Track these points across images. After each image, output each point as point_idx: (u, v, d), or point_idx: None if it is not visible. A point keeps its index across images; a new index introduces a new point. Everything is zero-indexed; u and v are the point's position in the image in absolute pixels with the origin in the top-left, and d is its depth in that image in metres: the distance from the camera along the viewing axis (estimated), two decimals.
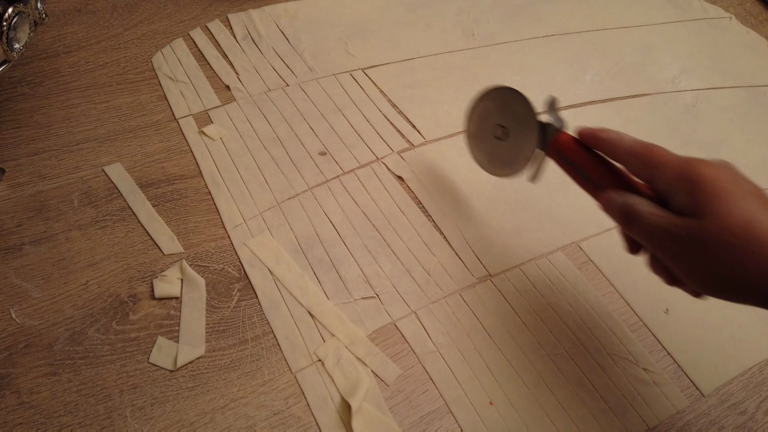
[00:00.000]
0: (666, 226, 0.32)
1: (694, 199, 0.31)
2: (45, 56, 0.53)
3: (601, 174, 0.36)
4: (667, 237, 0.32)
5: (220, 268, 0.41)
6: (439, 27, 0.62)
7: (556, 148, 0.39)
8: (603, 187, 0.36)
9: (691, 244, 0.31)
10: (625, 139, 0.35)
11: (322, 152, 0.49)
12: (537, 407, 0.37)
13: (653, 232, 0.32)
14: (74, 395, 0.35)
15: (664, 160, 0.33)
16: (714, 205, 0.30)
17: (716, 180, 0.31)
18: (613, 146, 0.36)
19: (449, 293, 0.42)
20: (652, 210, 0.32)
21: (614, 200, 0.35)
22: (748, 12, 0.71)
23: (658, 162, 0.33)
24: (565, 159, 0.38)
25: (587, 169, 0.37)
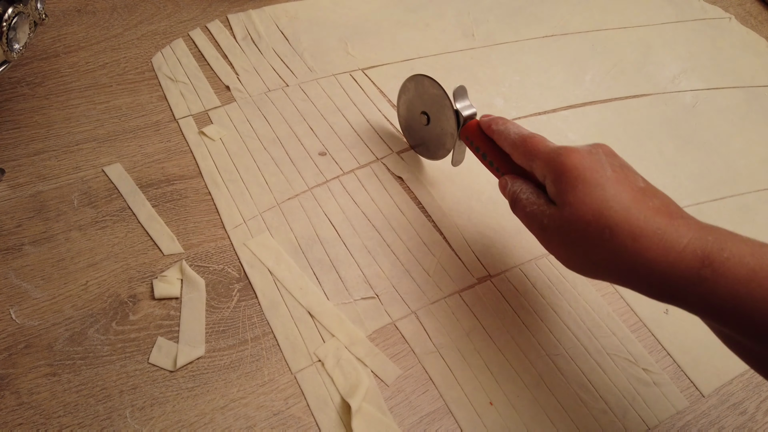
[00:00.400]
0: (537, 214, 0.34)
1: (558, 188, 0.33)
2: (45, 57, 0.53)
3: (501, 160, 0.39)
4: (537, 224, 0.34)
5: (220, 269, 0.41)
6: (439, 27, 0.62)
7: (466, 134, 0.42)
8: (503, 170, 0.39)
9: (554, 232, 0.33)
10: (511, 131, 0.38)
11: (321, 152, 0.49)
12: (537, 407, 0.37)
13: (528, 218, 0.35)
14: (74, 395, 0.35)
15: (538, 151, 0.35)
16: (570, 195, 0.32)
17: (576, 169, 0.32)
18: (501, 138, 0.38)
19: (449, 293, 0.42)
20: (529, 198, 0.35)
21: (506, 185, 0.38)
22: (747, 12, 0.71)
23: (533, 153, 0.35)
24: (473, 145, 0.41)
25: (489, 154, 0.40)
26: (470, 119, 0.42)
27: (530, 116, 0.54)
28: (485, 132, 0.40)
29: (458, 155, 0.45)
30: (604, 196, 0.31)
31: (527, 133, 0.37)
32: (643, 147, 0.53)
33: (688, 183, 0.51)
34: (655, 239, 0.30)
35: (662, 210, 0.31)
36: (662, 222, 0.30)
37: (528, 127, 0.41)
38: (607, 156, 0.34)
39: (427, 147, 0.48)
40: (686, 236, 0.30)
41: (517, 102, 0.55)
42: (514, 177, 0.37)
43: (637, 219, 0.30)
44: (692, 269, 0.29)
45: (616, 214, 0.30)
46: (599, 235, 0.31)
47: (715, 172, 0.52)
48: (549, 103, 0.56)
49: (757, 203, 0.50)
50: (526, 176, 0.37)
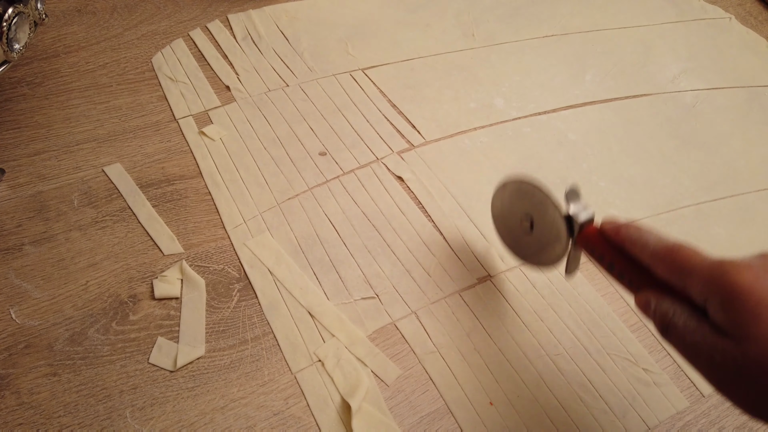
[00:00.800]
0: (702, 346, 0.27)
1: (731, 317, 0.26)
2: (45, 57, 0.53)
3: (635, 271, 0.32)
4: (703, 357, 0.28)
5: (220, 269, 0.41)
6: (439, 27, 0.62)
7: (585, 241, 0.35)
8: (639, 285, 0.32)
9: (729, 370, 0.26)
10: (649, 240, 0.31)
11: (322, 152, 0.49)
12: (537, 407, 0.37)
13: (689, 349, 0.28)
14: (74, 395, 0.35)
15: (692, 267, 0.28)
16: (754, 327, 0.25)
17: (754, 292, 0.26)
18: (636, 248, 0.32)
19: (449, 293, 0.42)
20: (688, 324, 0.28)
21: (651, 305, 0.30)
22: (748, 12, 0.71)
23: (686, 269, 0.28)
24: (595, 253, 0.34)
25: (618, 265, 0.33)
26: (587, 224, 0.35)
27: (530, 116, 0.54)
28: (612, 241, 0.33)
29: (573, 264, 0.37)
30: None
31: (672, 242, 0.30)
32: (643, 147, 0.53)
33: (688, 183, 0.51)
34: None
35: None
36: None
37: (528, 128, 0.41)
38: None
39: (532, 254, 0.41)
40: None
41: (517, 102, 0.55)
42: (658, 294, 0.30)
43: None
44: None
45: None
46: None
47: (715, 172, 0.52)
48: (549, 103, 0.56)
49: (757, 203, 0.50)
50: (674, 292, 0.30)
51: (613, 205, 0.48)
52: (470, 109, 0.54)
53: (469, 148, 0.51)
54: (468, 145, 0.51)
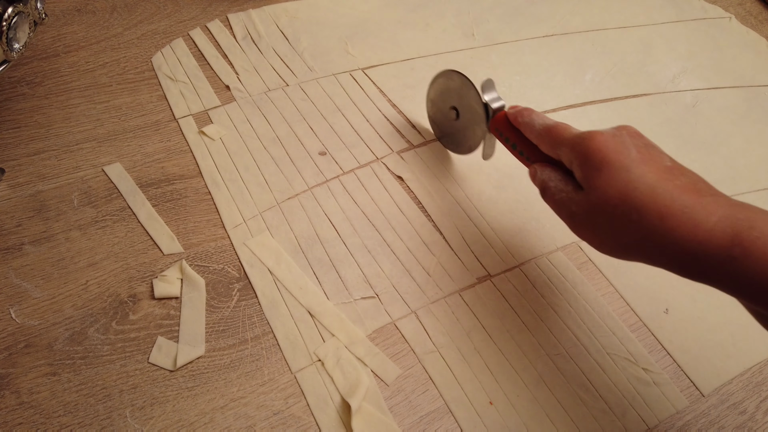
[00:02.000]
0: (565, 201, 0.35)
1: (584, 173, 0.33)
2: (45, 56, 0.53)
3: (530, 150, 0.39)
4: (566, 211, 0.35)
5: (220, 268, 0.41)
6: (439, 27, 0.62)
7: (495, 126, 0.42)
8: (532, 160, 0.39)
9: (583, 217, 0.33)
10: (536, 122, 0.38)
11: (321, 152, 0.49)
12: (537, 407, 0.37)
13: (557, 205, 0.36)
14: (74, 395, 0.35)
15: (563, 138, 0.35)
16: (596, 179, 0.32)
17: (600, 152, 0.32)
18: (527, 130, 0.39)
19: (449, 293, 0.42)
20: (558, 185, 0.35)
21: (535, 173, 0.38)
22: (748, 12, 0.71)
23: (559, 141, 0.35)
24: (503, 136, 0.42)
25: (519, 145, 0.40)
26: (499, 111, 0.42)
27: None
28: (513, 123, 0.40)
29: (488, 148, 0.45)
30: (630, 177, 0.31)
31: (552, 122, 0.37)
32: None
33: None
34: (682, 218, 0.29)
35: (690, 188, 0.31)
36: (690, 200, 0.30)
37: None
38: (631, 137, 0.34)
39: (456, 141, 0.48)
40: (715, 214, 0.29)
41: (517, 102, 0.55)
42: (543, 165, 0.38)
43: (663, 198, 0.30)
44: (722, 248, 0.28)
45: (642, 195, 0.30)
46: (627, 218, 0.31)
47: (715, 172, 0.52)
48: (549, 103, 0.56)
49: (757, 203, 0.50)
50: (555, 164, 0.37)
51: None
52: None
53: None
54: None
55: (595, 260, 0.45)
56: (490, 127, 0.43)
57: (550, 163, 0.38)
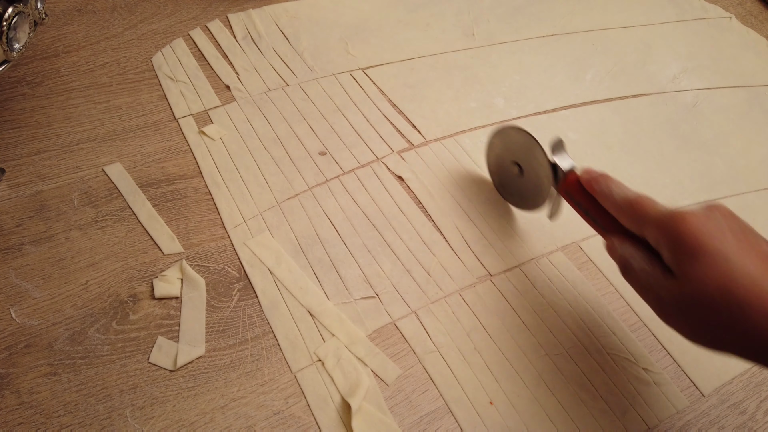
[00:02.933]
0: (653, 286, 0.32)
1: (675, 258, 0.30)
2: (45, 56, 0.53)
3: (606, 219, 0.37)
4: (653, 296, 0.32)
5: (220, 268, 0.41)
6: (439, 27, 0.62)
7: (565, 189, 0.40)
8: (609, 230, 0.37)
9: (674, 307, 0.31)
10: (615, 193, 0.35)
11: (322, 152, 0.49)
12: (537, 407, 0.37)
13: (643, 289, 0.33)
14: (74, 395, 0.35)
15: (648, 216, 0.33)
16: (690, 266, 0.29)
17: (696, 237, 0.30)
18: (604, 200, 0.36)
19: (449, 293, 0.42)
20: (643, 266, 0.33)
21: (615, 248, 0.35)
22: (748, 12, 0.71)
23: (643, 218, 0.33)
24: (574, 200, 0.39)
25: (592, 212, 0.38)
26: (569, 174, 0.39)
27: (530, 116, 0.54)
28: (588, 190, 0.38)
29: (555, 208, 0.43)
30: (729, 268, 0.28)
31: (633, 195, 0.34)
32: (643, 147, 0.53)
33: (688, 182, 0.51)
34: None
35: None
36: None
37: (528, 127, 0.41)
38: (725, 219, 0.31)
39: (519, 196, 0.46)
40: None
41: (517, 102, 0.55)
42: (623, 239, 0.35)
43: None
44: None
45: (744, 290, 0.28)
46: (727, 314, 0.28)
47: (716, 172, 0.52)
48: (549, 103, 0.56)
49: (757, 203, 0.50)
50: (637, 238, 0.34)
51: None
52: (470, 108, 0.54)
53: (470, 148, 0.51)
54: (468, 145, 0.51)
55: (595, 260, 0.45)
56: (560, 190, 0.40)
57: (629, 236, 0.35)
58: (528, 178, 0.44)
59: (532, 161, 0.42)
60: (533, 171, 0.42)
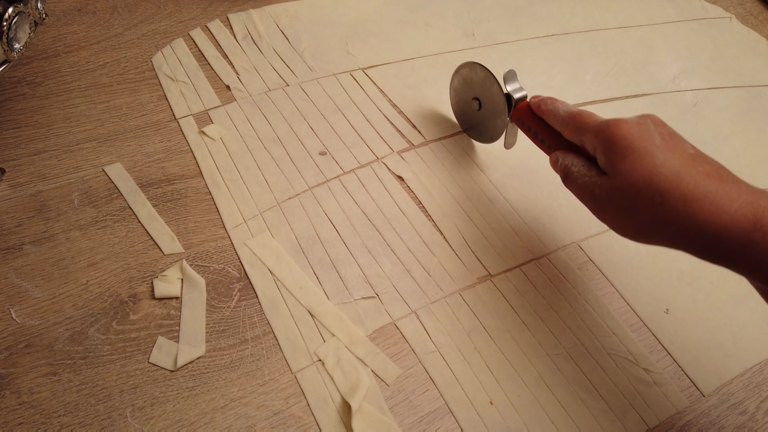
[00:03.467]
0: (588, 185, 0.36)
1: (608, 158, 0.34)
2: (45, 56, 0.53)
3: (552, 138, 0.41)
4: (589, 194, 0.36)
5: (221, 268, 0.41)
6: (439, 27, 0.62)
7: (517, 116, 0.44)
8: (554, 147, 0.41)
9: (606, 200, 0.34)
10: (560, 109, 0.39)
11: (322, 152, 0.49)
12: (537, 407, 0.37)
13: (580, 189, 0.37)
14: (74, 395, 0.35)
15: (587, 125, 0.37)
16: (621, 163, 0.33)
17: (625, 138, 0.34)
18: (551, 117, 0.40)
19: (449, 293, 0.42)
20: (581, 170, 0.37)
21: (557, 160, 0.39)
22: (748, 12, 0.71)
23: (583, 127, 0.37)
24: (525, 125, 0.43)
25: (540, 133, 0.42)
26: (521, 101, 0.44)
27: None
28: (536, 112, 0.42)
29: (510, 137, 0.47)
30: (654, 162, 0.32)
31: (576, 109, 0.38)
32: None
33: None
34: (705, 202, 0.30)
35: (713, 174, 0.32)
36: (713, 185, 0.31)
37: None
38: (655, 125, 0.35)
39: (479, 131, 0.50)
40: (737, 200, 0.30)
41: None
42: (564, 152, 0.39)
43: (687, 183, 0.31)
44: (743, 232, 0.29)
45: (666, 179, 0.31)
46: (650, 201, 0.32)
47: None
48: None
49: None
50: (577, 151, 0.39)
51: None
52: None
53: (470, 148, 0.51)
54: (468, 145, 0.51)
55: (595, 260, 0.45)
56: (512, 117, 0.44)
57: (571, 150, 0.39)
58: (485, 111, 0.47)
59: (489, 94, 0.46)
60: (490, 103, 0.46)
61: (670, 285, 0.44)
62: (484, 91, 0.47)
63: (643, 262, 0.45)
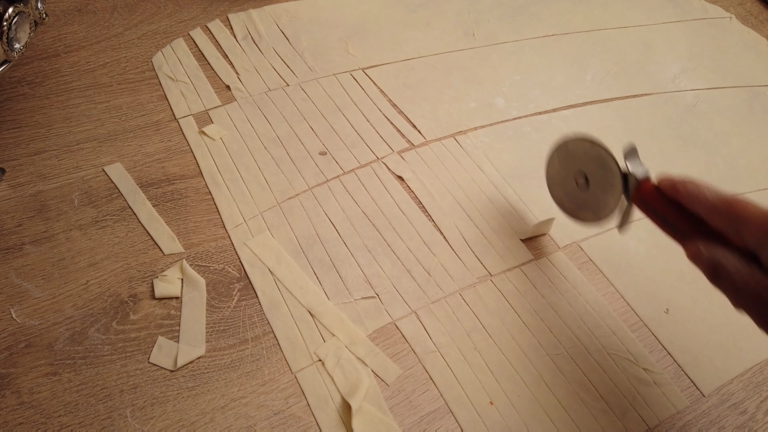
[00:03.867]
0: (753, 285, 0.30)
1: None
2: (45, 56, 0.53)
3: (687, 223, 0.35)
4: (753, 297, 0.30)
5: (221, 268, 0.41)
6: (439, 27, 0.62)
7: (640, 197, 0.38)
8: (690, 236, 0.35)
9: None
10: (705, 194, 0.33)
11: (322, 152, 0.49)
12: (537, 407, 0.37)
13: (740, 291, 0.31)
14: (74, 395, 0.35)
15: (749, 216, 0.31)
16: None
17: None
18: (693, 201, 0.34)
19: (449, 293, 0.42)
20: (739, 267, 0.31)
21: (701, 253, 0.33)
22: (748, 12, 0.71)
23: (743, 218, 0.31)
24: (649, 207, 0.37)
25: (671, 218, 0.36)
26: (643, 181, 0.37)
27: (531, 116, 0.54)
28: (669, 194, 0.36)
29: (626, 219, 0.40)
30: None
31: (729, 195, 0.33)
32: (643, 146, 0.53)
33: None
34: None
35: None
36: None
37: (528, 127, 0.41)
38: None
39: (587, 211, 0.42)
40: None
41: (517, 101, 0.55)
42: (709, 243, 0.33)
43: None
44: None
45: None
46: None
47: (716, 172, 0.52)
48: (549, 103, 0.56)
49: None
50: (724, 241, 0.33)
51: None
52: (471, 108, 0.54)
53: (470, 148, 0.51)
54: (468, 145, 0.51)
55: (595, 260, 0.45)
56: (633, 198, 0.38)
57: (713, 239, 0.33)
58: (595, 190, 0.41)
59: (601, 170, 0.39)
60: (602, 181, 0.40)
61: (670, 285, 0.44)
62: (595, 167, 0.40)
63: (643, 262, 0.45)
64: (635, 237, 0.46)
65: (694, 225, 0.34)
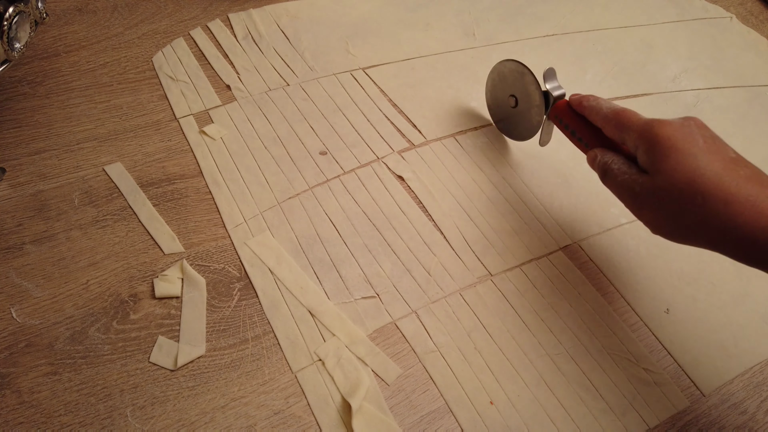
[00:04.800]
0: (629, 182, 0.36)
1: (650, 157, 0.35)
2: (45, 56, 0.53)
3: (590, 135, 0.41)
4: (629, 192, 0.36)
5: (221, 268, 0.41)
6: (440, 27, 0.62)
7: (555, 113, 0.44)
8: (592, 146, 0.41)
9: (646, 199, 0.35)
10: (602, 106, 0.40)
11: (322, 152, 0.49)
12: (537, 407, 0.37)
13: (619, 187, 0.37)
14: (75, 394, 0.35)
15: (631, 123, 0.37)
16: (664, 163, 0.34)
17: (669, 139, 0.34)
18: (593, 113, 0.40)
19: (450, 293, 0.42)
20: (621, 168, 0.37)
21: (596, 157, 0.40)
22: (748, 12, 0.71)
23: (626, 125, 0.37)
24: (563, 123, 0.44)
25: (578, 131, 0.42)
26: (559, 99, 0.44)
27: None
28: (576, 109, 0.42)
29: (545, 135, 0.47)
30: (697, 164, 0.33)
31: (619, 107, 0.39)
32: None
33: None
34: (747, 205, 0.31)
35: (754, 178, 0.32)
36: (754, 189, 0.31)
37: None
38: (698, 128, 0.35)
39: (512, 127, 0.50)
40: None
41: None
42: (603, 150, 0.39)
43: (728, 186, 0.32)
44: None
45: (708, 180, 0.32)
46: (691, 201, 0.32)
47: None
48: None
49: None
50: (615, 149, 0.39)
51: (614, 204, 0.48)
52: (471, 108, 0.54)
53: (470, 148, 0.51)
54: (468, 145, 0.51)
55: (595, 260, 0.45)
56: (550, 115, 0.45)
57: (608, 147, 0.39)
58: (522, 108, 0.48)
59: (525, 91, 0.46)
60: (526, 100, 0.47)
61: (670, 285, 0.44)
62: (522, 89, 0.47)
63: (643, 262, 0.45)
64: (635, 237, 0.46)
65: (594, 136, 0.41)
